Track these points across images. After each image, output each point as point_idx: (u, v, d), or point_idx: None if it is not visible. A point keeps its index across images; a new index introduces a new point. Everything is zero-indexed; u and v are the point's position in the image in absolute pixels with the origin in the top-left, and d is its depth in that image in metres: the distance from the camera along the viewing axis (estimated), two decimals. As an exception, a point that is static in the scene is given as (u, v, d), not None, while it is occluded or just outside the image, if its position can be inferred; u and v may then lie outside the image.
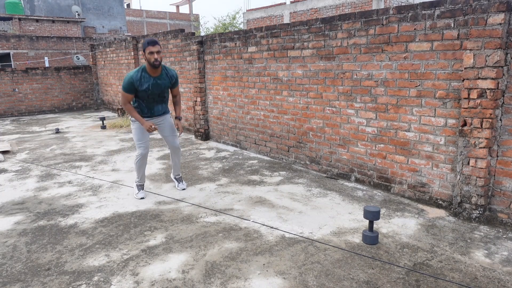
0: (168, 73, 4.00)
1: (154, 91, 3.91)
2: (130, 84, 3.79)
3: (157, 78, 3.90)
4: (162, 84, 3.95)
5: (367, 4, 16.87)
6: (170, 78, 4.01)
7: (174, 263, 2.84)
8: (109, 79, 11.85)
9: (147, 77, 3.85)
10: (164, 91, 4.02)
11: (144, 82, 3.83)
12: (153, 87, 3.89)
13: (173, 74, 4.05)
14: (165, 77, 3.97)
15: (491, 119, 3.22)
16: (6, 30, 19.28)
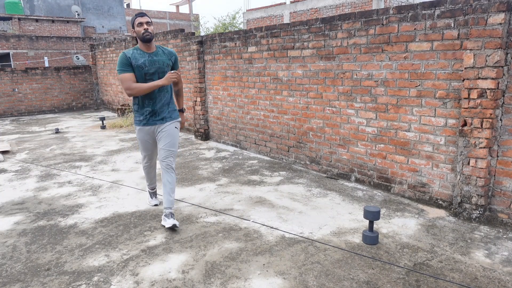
0: (165, 50, 3.49)
1: (151, 68, 3.34)
2: (123, 59, 3.27)
3: (153, 55, 3.37)
4: (160, 60, 3.39)
5: (367, 4, 16.86)
6: (168, 55, 3.48)
7: (174, 263, 2.83)
8: (109, 79, 11.85)
9: (141, 53, 3.34)
10: (164, 70, 3.42)
11: (138, 57, 3.31)
12: (150, 64, 3.33)
13: (171, 51, 3.53)
14: (162, 53, 3.43)
15: (491, 119, 3.21)
16: (5, 30, 19.27)
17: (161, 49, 3.48)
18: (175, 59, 3.55)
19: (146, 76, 3.33)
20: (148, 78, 3.34)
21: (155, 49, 3.42)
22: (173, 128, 3.47)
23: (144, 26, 3.25)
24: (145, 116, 3.43)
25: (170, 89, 3.52)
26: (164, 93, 3.46)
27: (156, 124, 3.44)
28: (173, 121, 3.50)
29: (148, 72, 3.34)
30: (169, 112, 3.49)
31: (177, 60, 3.57)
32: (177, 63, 3.57)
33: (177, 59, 3.56)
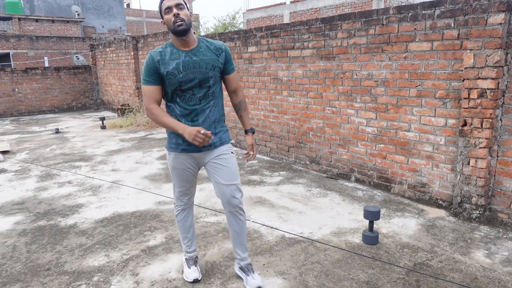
0: (211, 45, 2.35)
1: (189, 74, 2.25)
2: (148, 64, 2.25)
3: (192, 53, 2.28)
4: (202, 62, 2.28)
5: (367, 4, 16.86)
6: (215, 51, 2.34)
7: (174, 263, 2.83)
8: (109, 79, 11.85)
9: (175, 51, 2.27)
10: (208, 76, 2.30)
11: (169, 59, 2.24)
12: (186, 68, 2.25)
13: (220, 45, 2.38)
14: (206, 50, 2.32)
15: (491, 119, 3.21)
16: (6, 30, 19.27)
17: (205, 42, 2.36)
18: (225, 56, 2.39)
19: (181, 86, 2.25)
20: (184, 89, 2.26)
21: (197, 44, 2.31)
22: (229, 153, 2.42)
23: (174, 11, 2.18)
24: (185, 139, 2.27)
25: (219, 99, 2.43)
26: (211, 106, 2.36)
27: (201, 150, 2.36)
28: (225, 145, 2.43)
29: (184, 80, 2.24)
30: (219, 133, 2.41)
31: (230, 59, 2.42)
32: (230, 63, 2.42)
33: (229, 56, 2.42)
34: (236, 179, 2.41)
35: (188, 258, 2.68)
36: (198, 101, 2.31)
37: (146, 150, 6.52)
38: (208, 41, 2.37)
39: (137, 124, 9.02)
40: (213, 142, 2.37)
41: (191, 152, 2.37)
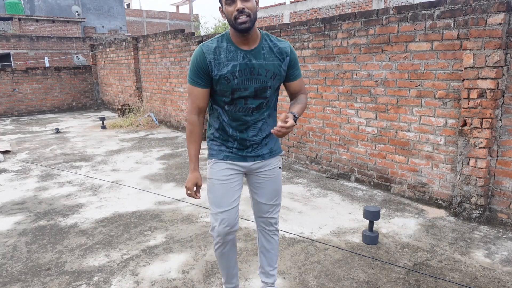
0: (274, 46, 1.93)
1: (245, 81, 1.86)
2: (196, 59, 1.87)
3: (252, 54, 1.87)
4: (262, 67, 1.88)
5: (367, 4, 16.86)
6: (279, 54, 1.93)
7: (174, 263, 2.84)
8: (109, 79, 11.85)
9: (232, 50, 1.86)
10: (266, 86, 1.92)
11: (225, 60, 1.84)
12: (244, 72, 1.85)
13: (284, 47, 1.95)
14: (269, 53, 1.90)
15: (491, 119, 3.22)
16: (6, 30, 19.28)
17: (269, 42, 1.92)
18: (290, 61, 1.97)
19: (233, 94, 1.88)
20: (236, 97, 1.89)
21: (258, 42, 1.88)
22: (277, 168, 2.12)
23: (238, 4, 1.72)
24: (229, 146, 2.03)
25: (274, 110, 2.09)
26: (265, 117, 2.01)
27: (247, 161, 2.04)
28: (275, 157, 2.11)
29: (238, 88, 1.86)
30: (269, 144, 2.08)
31: (295, 63, 2.02)
32: (295, 67, 2.02)
33: (295, 60, 2.01)
34: (278, 199, 2.17)
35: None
36: (250, 112, 1.94)
37: (146, 150, 6.52)
38: (272, 39, 1.94)
39: (137, 124, 9.02)
40: (261, 154, 2.04)
41: (235, 161, 2.03)
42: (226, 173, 2.02)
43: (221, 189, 2.00)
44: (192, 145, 2.04)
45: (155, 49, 8.86)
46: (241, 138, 1.99)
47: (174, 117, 8.47)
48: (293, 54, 2.00)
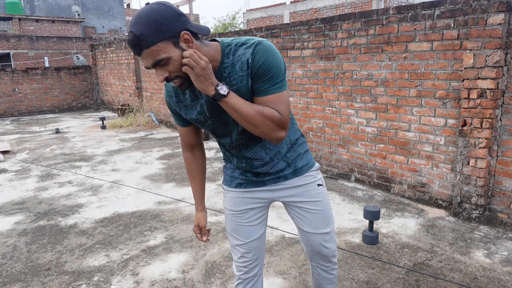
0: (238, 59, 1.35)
1: (219, 117, 1.47)
2: (168, 106, 1.60)
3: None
4: None
5: (367, 4, 16.86)
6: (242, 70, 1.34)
7: (174, 263, 2.84)
8: (109, 79, 11.85)
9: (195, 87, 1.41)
10: None
11: (190, 101, 1.48)
12: (214, 108, 1.45)
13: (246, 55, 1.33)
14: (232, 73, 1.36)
15: (491, 119, 3.22)
16: (6, 30, 19.28)
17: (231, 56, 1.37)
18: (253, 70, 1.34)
19: (215, 132, 1.55)
20: (220, 135, 1.56)
21: (218, 67, 1.37)
22: (314, 187, 1.65)
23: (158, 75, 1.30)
24: (240, 171, 1.65)
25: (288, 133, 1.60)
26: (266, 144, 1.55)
27: (266, 184, 1.63)
28: (306, 173, 1.64)
29: (216, 127, 1.52)
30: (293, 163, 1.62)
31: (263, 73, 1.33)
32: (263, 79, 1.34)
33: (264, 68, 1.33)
34: (328, 225, 1.68)
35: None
36: (245, 146, 1.54)
37: (146, 150, 6.52)
38: (237, 49, 1.37)
39: (137, 124, 9.02)
40: (282, 174, 1.60)
41: (250, 187, 1.63)
42: (240, 205, 1.64)
43: (235, 221, 1.67)
44: (192, 182, 1.76)
45: (155, 49, 8.84)
46: (249, 170, 1.60)
47: (174, 117, 8.46)
48: (259, 60, 1.32)
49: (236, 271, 1.72)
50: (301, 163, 1.62)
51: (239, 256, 1.69)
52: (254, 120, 1.33)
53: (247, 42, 1.36)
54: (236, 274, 1.72)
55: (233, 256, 1.72)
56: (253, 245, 1.67)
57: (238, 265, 1.70)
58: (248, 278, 1.70)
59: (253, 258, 1.68)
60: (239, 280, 1.72)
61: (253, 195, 1.63)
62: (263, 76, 1.34)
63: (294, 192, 1.63)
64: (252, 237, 1.66)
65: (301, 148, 1.64)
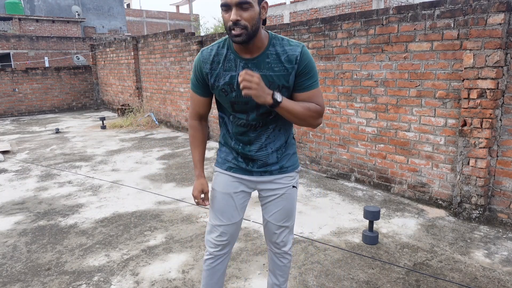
0: (282, 53, 1.63)
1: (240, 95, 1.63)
2: (195, 70, 1.74)
3: (254, 64, 1.63)
4: (265, 78, 1.62)
5: (367, 4, 16.86)
6: (287, 62, 1.62)
7: (174, 263, 2.84)
8: (109, 79, 11.85)
9: (232, 58, 1.65)
10: None
11: (222, 70, 1.66)
12: (238, 86, 1.61)
13: (295, 55, 1.62)
14: (275, 61, 1.63)
15: (491, 119, 3.22)
16: (6, 30, 19.28)
17: (278, 47, 1.63)
18: (298, 69, 1.62)
19: (233, 107, 1.71)
20: (237, 111, 1.72)
21: (264, 49, 1.63)
22: (289, 188, 1.86)
23: (233, 13, 1.49)
24: (234, 156, 1.85)
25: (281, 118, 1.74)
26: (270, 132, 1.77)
27: (253, 175, 1.83)
28: (288, 173, 1.85)
29: (237, 101, 1.68)
30: (281, 161, 1.83)
31: (307, 71, 1.63)
32: (306, 76, 1.64)
33: (307, 68, 1.63)
34: (289, 220, 1.91)
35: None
36: (254, 128, 1.73)
37: (146, 150, 6.52)
38: (283, 43, 1.64)
39: (137, 124, 9.02)
40: (269, 169, 1.81)
41: (239, 174, 1.83)
42: (229, 188, 1.84)
43: (222, 202, 1.85)
44: (195, 150, 1.89)
45: (155, 49, 8.86)
46: (243, 153, 1.78)
47: (174, 117, 8.47)
48: (305, 60, 1.62)
49: (209, 247, 1.90)
50: (288, 163, 1.84)
51: (216, 235, 1.87)
52: (303, 116, 1.63)
53: (292, 41, 1.66)
54: (209, 250, 1.91)
55: (210, 234, 1.89)
56: (232, 227, 1.87)
57: (213, 243, 1.88)
58: (219, 255, 1.91)
59: (229, 239, 1.89)
60: (210, 255, 1.91)
61: (241, 180, 1.85)
62: (307, 74, 1.64)
63: (273, 186, 1.84)
64: (233, 220, 1.86)
65: (291, 149, 1.87)
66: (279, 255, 2.00)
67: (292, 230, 1.97)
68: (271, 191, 1.85)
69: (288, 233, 1.95)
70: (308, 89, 1.66)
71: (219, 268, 1.95)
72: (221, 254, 1.91)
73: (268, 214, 1.90)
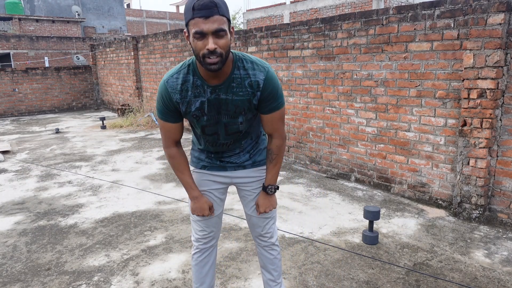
0: (246, 77, 1.66)
1: (214, 116, 1.72)
2: (164, 100, 1.70)
3: (220, 89, 1.66)
4: (231, 102, 1.68)
5: (367, 4, 16.86)
6: (250, 87, 1.66)
7: (174, 263, 2.84)
8: (109, 79, 11.86)
9: (199, 84, 1.66)
10: (236, 122, 1.74)
11: (192, 97, 1.67)
12: (212, 107, 1.69)
13: (258, 79, 1.66)
14: (239, 86, 1.66)
15: (491, 119, 3.22)
16: (6, 30, 19.27)
17: (242, 70, 1.65)
18: (262, 95, 1.68)
19: (204, 130, 1.77)
20: (208, 134, 1.78)
21: (229, 74, 1.64)
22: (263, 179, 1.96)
23: (210, 42, 1.46)
24: (207, 155, 1.92)
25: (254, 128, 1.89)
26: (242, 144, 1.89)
27: (227, 170, 1.92)
28: (260, 167, 1.94)
29: (209, 124, 1.74)
30: (254, 155, 1.93)
31: (271, 95, 1.69)
32: (270, 100, 1.70)
33: (270, 92, 1.69)
34: (270, 212, 1.98)
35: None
36: (226, 145, 1.84)
37: (146, 150, 6.52)
38: (247, 66, 1.65)
39: (137, 124, 9.02)
40: (242, 164, 1.90)
41: (213, 171, 1.91)
42: (205, 185, 1.92)
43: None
44: (183, 174, 1.86)
45: (155, 49, 8.86)
46: (216, 157, 1.90)
47: (174, 117, 8.46)
48: (268, 87, 1.66)
49: (195, 242, 2.02)
50: (260, 157, 1.94)
51: (199, 229, 1.98)
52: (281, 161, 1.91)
53: (257, 64, 1.67)
54: (195, 244, 2.02)
55: (194, 229, 2.01)
56: (212, 221, 1.97)
57: (197, 237, 2.00)
58: (205, 248, 2.02)
59: (212, 232, 2.00)
60: (197, 249, 2.02)
61: (215, 178, 1.93)
62: (271, 99, 1.70)
63: (248, 180, 1.94)
64: (215, 225, 1.99)
65: (262, 144, 1.96)
66: (268, 248, 2.06)
67: (275, 220, 2.06)
68: (247, 185, 1.94)
69: (272, 224, 2.04)
70: (272, 111, 1.74)
71: (207, 261, 2.04)
72: (207, 247, 2.02)
73: (249, 207, 1.99)
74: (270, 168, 1.88)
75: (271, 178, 1.89)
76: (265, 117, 1.76)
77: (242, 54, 1.68)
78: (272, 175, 1.89)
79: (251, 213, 1.99)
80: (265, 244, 2.05)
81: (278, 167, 1.89)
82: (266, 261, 2.09)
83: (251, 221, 2.02)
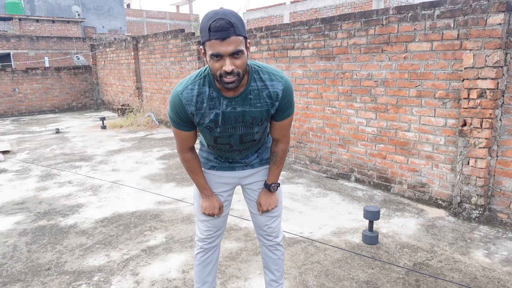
0: (264, 89, 1.67)
1: (228, 129, 1.73)
2: (178, 111, 1.68)
3: (237, 101, 1.66)
4: (248, 114, 1.69)
5: (367, 4, 16.86)
6: (268, 98, 1.68)
7: (174, 263, 2.84)
8: (109, 79, 11.86)
9: (215, 96, 1.66)
10: (252, 132, 1.76)
11: (207, 109, 1.67)
12: (227, 120, 1.70)
13: (277, 90, 1.68)
14: (256, 97, 1.67)
15: (491, 119, 3.22)
16: (6, 30, 19.28)
17: (258, 82, 1.66)
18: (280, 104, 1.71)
19: (216, 140, 1.78)
20: (220, 144, 1.79)
21: (246, 86, 1.64)
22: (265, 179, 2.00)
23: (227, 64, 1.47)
24: (215, 156, 1.93)
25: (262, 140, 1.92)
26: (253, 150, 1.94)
27: (235, 169, 1.94)
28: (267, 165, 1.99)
29: (222, 136, 1.75)
30: (261, 153, 1.97)
31: (286, 105, 1.73)
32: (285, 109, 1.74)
33: (286, 101, 1.72)
34: (274, 211, 2.01)
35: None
36: (238, 153, 1.85)
37: (146, 150, 6.53)
38: (264, 78, 1.65)
39: (137, 124, 9.02)
40: (250, 163, 1.93)
41: (222, 171, 1.92)
42: (214, 188, 1.94)
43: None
44: (198, 176, 1.89)
45: (155, 49, 8.86)
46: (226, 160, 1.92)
47: (174, 117, 8.46)
48: (286, 96, 1.69)
49: (199, 242, 2.02)
50: (266, 155, 1.97)
51: (205, 229, 1.99)
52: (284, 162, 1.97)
53: (274, 75, 1.68)
54: (199, 244, 2.03)
55: (199, 229, 2.01)
56: (219, 221, 1.99)
57: (202, 237, 2.00)
58: (208, 248, 2.03)
59: (217, 233, 2.01)
60: (201, 249, 2.03)
61: (223, 180, 1.94)
62: (287, 108, 1.74)
63: (256, 178, 1.97)
64: (219, 221, 1.99)
65: (268, 142, 1.99)
66: (272, 247, 2.07)
67: (280, 219, 2.08)
68: (254, 184, 1.97)
69: (278, 222, 2.05)
70: (285, 118, 1.78)
71: (210, 261, 2.06)
72: (210, 247, 2.03)
73: (255, 207, 2.01)
74: (274, 168, 1.94)
75: (274, 178, 1.96)
76: (276, 124, 1.79)
77: (258, 65, 1.69)
78: (275, 175, 1.96)
79: (258, 212, 2.02)
80: (270, 244, 2.05)
81: (281, 168, 1.97)
82: (269, 261, 2.09)
83: (257, 220, 2.03)
